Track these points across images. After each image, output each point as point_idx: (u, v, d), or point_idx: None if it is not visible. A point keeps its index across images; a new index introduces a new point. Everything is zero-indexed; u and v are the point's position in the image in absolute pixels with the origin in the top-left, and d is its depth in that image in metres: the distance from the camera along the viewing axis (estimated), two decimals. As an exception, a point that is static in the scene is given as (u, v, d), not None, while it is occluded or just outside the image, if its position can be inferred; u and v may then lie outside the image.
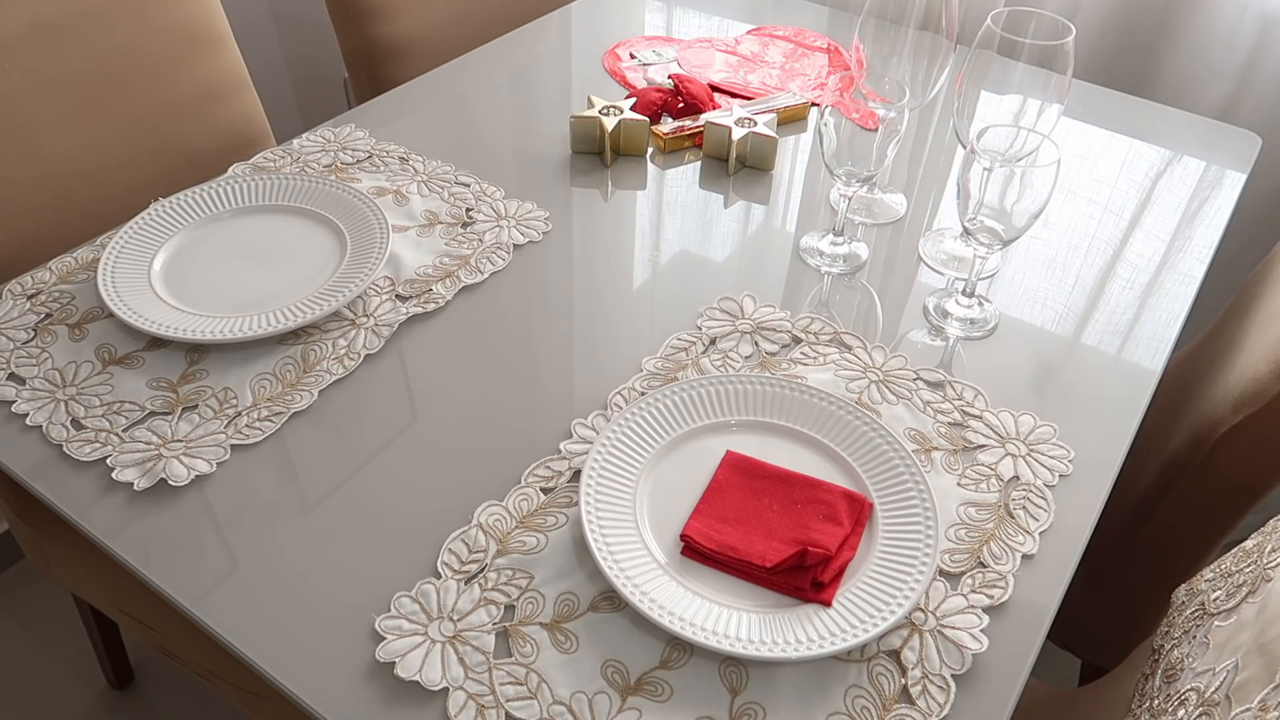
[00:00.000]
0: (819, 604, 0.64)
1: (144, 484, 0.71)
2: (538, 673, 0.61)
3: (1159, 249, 1.00)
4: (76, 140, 1.05)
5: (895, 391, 0.81)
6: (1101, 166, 1.12)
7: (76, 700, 1.35)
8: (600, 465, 0.71)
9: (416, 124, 1.13)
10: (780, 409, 0.77)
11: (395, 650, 0.61)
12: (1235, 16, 1.35)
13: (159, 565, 0.66)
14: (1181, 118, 1.23)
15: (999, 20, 0.88)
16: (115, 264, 0.88)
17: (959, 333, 0.89)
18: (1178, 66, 1.42)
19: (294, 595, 0.65)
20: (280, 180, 0.98)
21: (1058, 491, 0.74)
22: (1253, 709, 0.50)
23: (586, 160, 1.09)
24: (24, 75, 0.99)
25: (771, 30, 1.36)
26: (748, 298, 0.90)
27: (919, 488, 0.71)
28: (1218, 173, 1.11)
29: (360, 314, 0.86)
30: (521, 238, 0.96)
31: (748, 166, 1.09)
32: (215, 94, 1.17)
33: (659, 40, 1.33)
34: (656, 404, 0.76)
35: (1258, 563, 0.61)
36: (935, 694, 0.60)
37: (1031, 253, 0.99)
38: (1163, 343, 0.89)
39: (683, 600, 0.63)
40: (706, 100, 1.15)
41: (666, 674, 0.61)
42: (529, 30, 1.34)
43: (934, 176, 1.10)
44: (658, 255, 0.97)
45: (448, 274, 0.91)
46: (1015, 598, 0.66)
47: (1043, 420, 0.79)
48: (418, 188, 1.02)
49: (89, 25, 1.04)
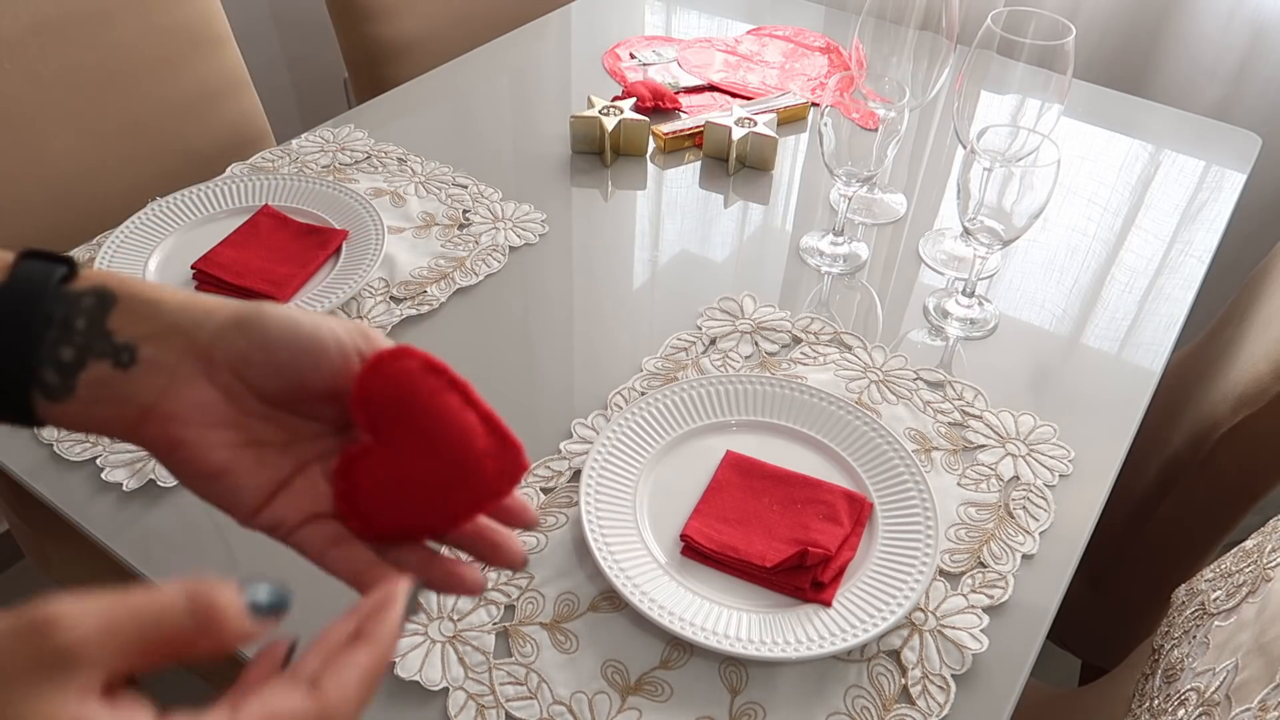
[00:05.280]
0: (819, 604, 0.64)
1: (133, 484, 0.70)
2: (538, 673, 0.61)
3: (1159, 249, 1.00)
4: (76, 140, 1.05)
5: (895, 391, 0.81)
6: (1101, 166, 1.12)
7: (76, 700, 1.35)
8: (600, 465, 0.71)
9: (416, 124, 1.13)
10: (780, 409, 0.77)
11: (395, 650, 0.61)
12: (1233, 18, 1.35)
13: (159, 565, 0.66)
14: (1181, 118, 1.23)
15: (999, 20, 0.88)
16: (110, 263, 0.87)
17: (959, 333, 0.89)
18: (1177, 67, 1.42)
19: (294, 595, 0.64)
20: (277, 180, 0.98)
21: (1058, 491, 0.74)
22: (1253, 709, 0.50)
23: (586, 160, 1.09)
24: (24, 75, 0.99)
25: (771, 30, 1.36)
26: (748, 298, 0.90)
27: (919, 488, 0.70)
28: (1218, 173, 1.11)
29: (354, 316, 0.86)
30: (518, 240, 0.96)
31: (747, 166, 1.09)
32: (215, 94, 1.17)
33: (659, 40, 1.33)
34: (656, 404, 0.76)
35: (1258, 563, 0.61)
36: (935, 694, 0.60)
37: (1031, 253, 0.99)
38: (1163, 343, 0.89)
39: (683, 600, 0.63)
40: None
41: (666, 674, 0.61)
42: (529, 30, 1.34)
43: (934, 176, 1.10)
44: (657, 255, 0.97)
45: (442, 276, 0.91)
46: (1015, 598, 0.66)
47: (1043, 420, 0.79)
48: (415, 189, 1.02)
49: (89, 25, 1.03)
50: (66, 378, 0.33)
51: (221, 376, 0.35)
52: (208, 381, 0.35)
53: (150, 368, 0.34)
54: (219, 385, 0.35)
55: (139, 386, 0.34)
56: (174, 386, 0.34)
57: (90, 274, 0.35)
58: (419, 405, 0.38)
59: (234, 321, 0.35)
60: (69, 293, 0.34)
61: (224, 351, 0.35)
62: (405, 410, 0.38)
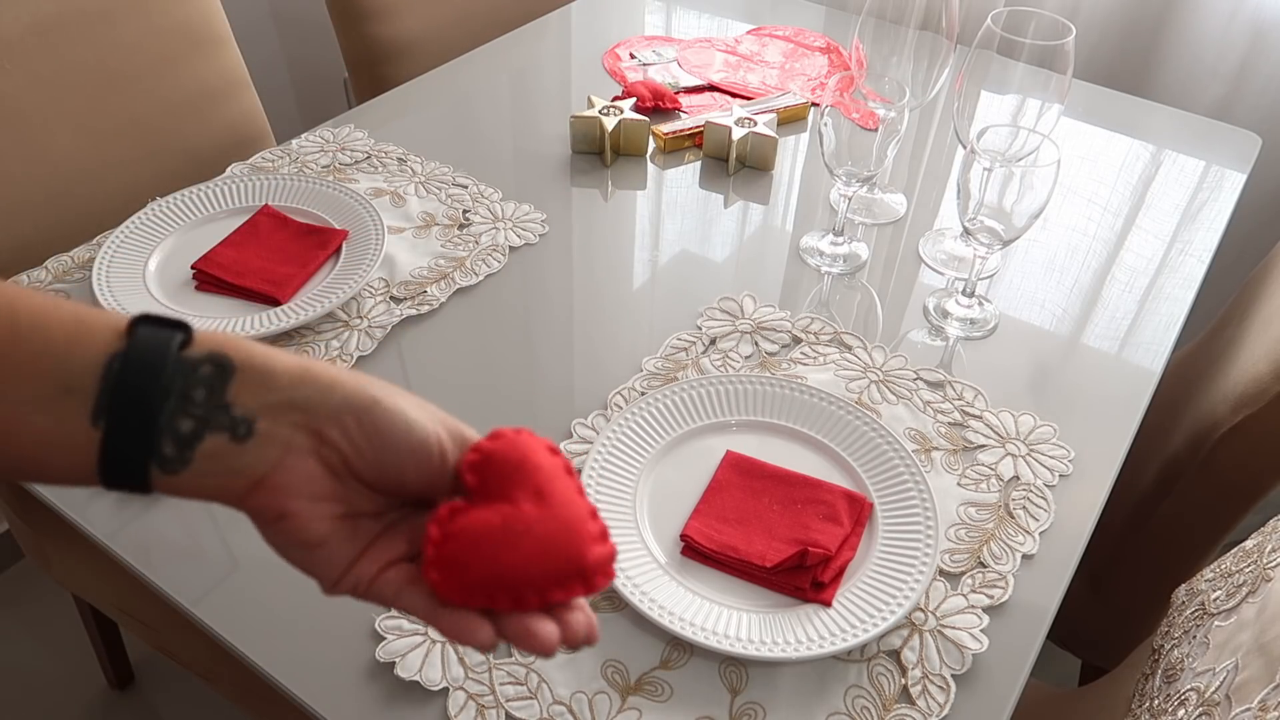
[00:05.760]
0: (819, 604, 0.64)
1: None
2: (538, 673, 0.61)
3: (1159, 249, 1.00)
4: (76, 140, 1.05)
5: (895, 391, 0.81)
6: (1101, 166, 1.12)
7: (76, 700, 1.35)
8: (600, 465, 0.71)
9: (416, 124, 1.13)
10: (780, 409, 0.77)
11: (395, 650, 0.61)
12: (1233, 18, 1.35)
13: (159, 565, 0.66)
14: (1181, 117, 1.23)
15: (999, 20, 0.88)
16: (110, 264, 0.87)
17: (959, 333, 0.89)
18: (1177, 66, 1.42)
19: (294, 595, 0.65)
20: (277, 180, 0.98)
21: (1058, 491, 0.74)
22: (1253, 709, 0.50)
23: (586, 160, 1.09)
24: (24, 75, 0.99)
25: (771, 30, 1.36)
26: (748, 298, 0.90)
27: (919, 488, 0.70)
28: (1218, 173, 1.11)
29: (354, 316, 0.86)
30: (518, 240, 0.96)
31: (748, 166, 1.09)
32: (215, 94, 1.17)
33: (659, 40, 1.33)
34: (656, 404, 0.76)
35: (1258, 563, 0.61)
36: (935, 694, 0.60)
37: (1031, 253, 0.99)
38: (1163, 343, 0.89)
39: (683, 600, 0.63)
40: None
41: (666, 674, 0.61)
42: (529, 30, 1.34)
43: (934, 176, 1.10)
44: (657, 255, 0.97)
45: (442, 276, 0.91)
46: (1015, 598, 0.66)
47: (1043, 420, 0.79)
48: (415, 189, 1.02)
49: (89, 25, 1.03)
50: (184, 449, 0.33)
51: (331, 456, 0.36)
52: (317, 459, 0.35)
53: (265, 441, 0.34)
54: (326, 463, 0.36)
55: (253, 459, 0.34)
56: (287, 460, 0.35)
57: (205, 338, 0.35)
58: (541, 473, 0.37)
59: (350, 408, 0.35)
60: (187, 360, 0.34)
61: (339, 435, 0.35)
62: (525, 474, 0.37)
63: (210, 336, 0.35)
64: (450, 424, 0.38)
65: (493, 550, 0.36)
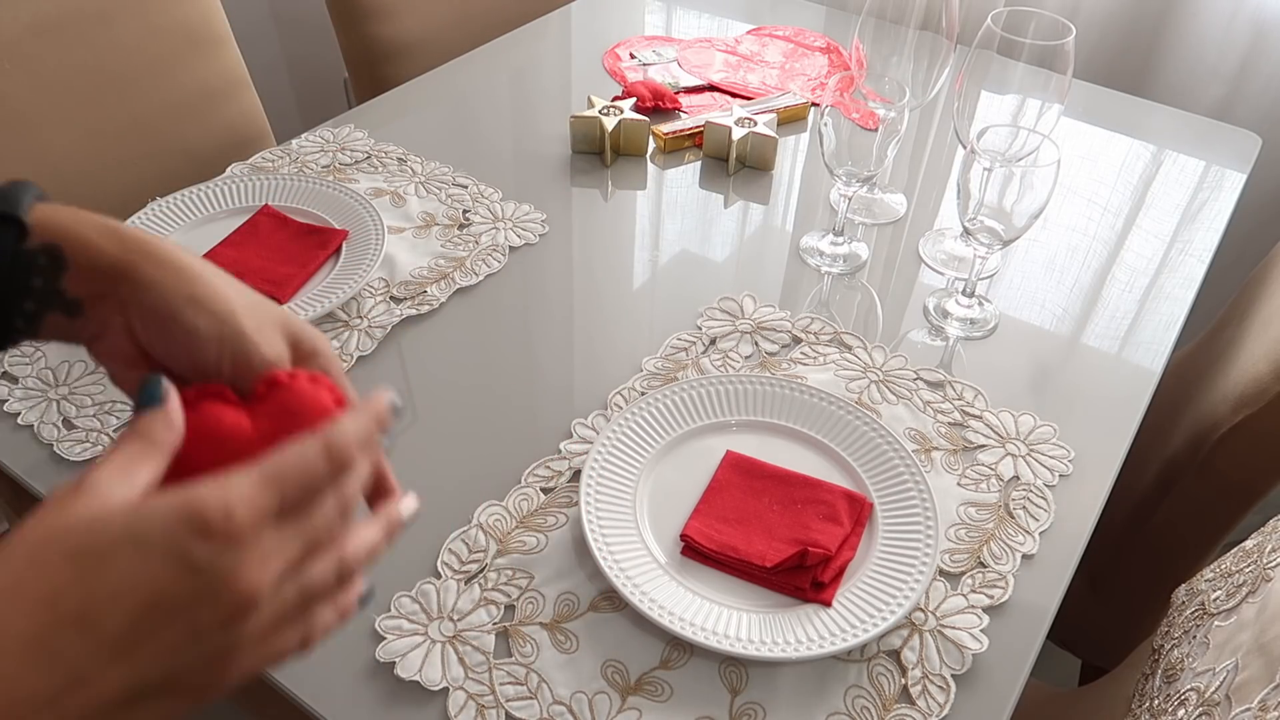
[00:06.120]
0: (819, 604, 0.64)
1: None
2: (538, 673, 0.61)
3: (1159, 249, 1.00)
4: (76, 140, 1.05)
5: (895, 391, 0.81)
6: (1101, 166, 1.12)
7: (76, 701, 1.34)
8: (600, 465, 0.71)
9: (416, 124, 1.13)
10: (780, 409, 0.77)
11: (395, 650, 0.61)
12: (1234, 18, 1.35)
13: (158, 565, 0.66)
14: (1181, 117, 1.23)
15: (999, 20, 0.88)
16: (114, 264, 0.87)
17: (959, 333, 0.89)
18: (1178, 66, 1.42)
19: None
20: (277, 180, 0.98)
21: (1058, 491, 0.74)
22: (1253, 709, 0.50)
23: (586, 160, 1.09)
24: (24, 75, 0.99)
25: (771, 30, 1.36)
26: (748, 298, 0.90)
27: (919, 488, 0.70)
28: (1218, 173, 1.11)
29: (354, 315, 0.86)
30: (518, 240, 0.96)
31: (748, 166, 1.09)
32: (215, 94, 1.17)
33: (659, 40, 1.33)
34: (656, 404, 0.76)
35: (1258, 563, 0.61)
36: (935, 694, 0.60)
37: (1031, 253, 0.99)
38: (1163, 343, 0.89)
39: (683, 600, 0.63)
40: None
41: (666, 674, 0.61)
42: (529, 30, 1.34)
43: (934, 176, 1.10)
44: (657, 255, 0.97)
45: (442, 276, 0.91)
46: (1015, 598, 0.66)
47: (1043, 420, 0.79)
48: (415, 189, 1.02)
49: (89, 25, 1.03)
50: (31, 322, 0.42)
51: (138, 338, 0.43)
52: (127, 337, 0.43)
53: (91, 318, 0.43)
54: (134, 340, 0.43)
55: (81, 328, 0.43)
56: (106, 335, 0.43)
57: (41, 225, 0.41)
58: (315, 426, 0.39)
59: (151, 310, 0.42)
60: (26, 252, 0.41)
61: (139, 327, 0.42)
62: (303, 420, 0.40)
63: (45, 222, 0.42)
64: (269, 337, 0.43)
65: (213, 451, 0.39)
